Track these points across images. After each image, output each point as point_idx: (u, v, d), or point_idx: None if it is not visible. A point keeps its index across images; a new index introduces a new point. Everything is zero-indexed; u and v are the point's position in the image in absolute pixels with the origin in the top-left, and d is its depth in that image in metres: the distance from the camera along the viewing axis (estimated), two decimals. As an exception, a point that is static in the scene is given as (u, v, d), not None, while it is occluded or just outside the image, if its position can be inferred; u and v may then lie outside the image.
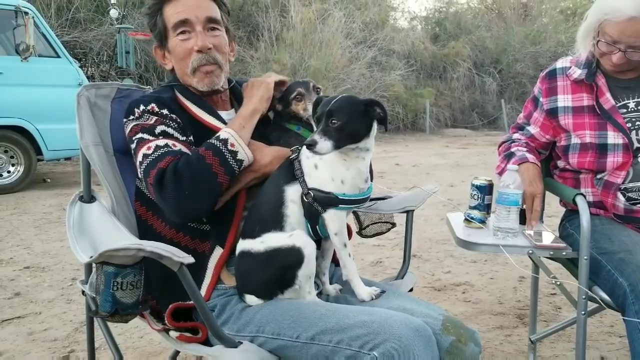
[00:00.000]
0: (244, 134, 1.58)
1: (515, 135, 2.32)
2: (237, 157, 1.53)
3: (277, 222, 1.49)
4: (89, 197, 1.73)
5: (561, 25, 21.09)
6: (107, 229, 1.56)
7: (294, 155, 1.55)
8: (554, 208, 2.45)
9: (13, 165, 7.12)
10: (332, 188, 1.48)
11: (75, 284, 3.68)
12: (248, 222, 1.54)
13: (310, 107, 1.67)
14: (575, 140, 2.09)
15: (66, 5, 12.91)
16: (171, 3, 1.66)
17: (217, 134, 1.57)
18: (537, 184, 2.05)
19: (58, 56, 7.26)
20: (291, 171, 1.52)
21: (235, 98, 1.82)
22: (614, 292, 1.80)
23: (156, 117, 1.59)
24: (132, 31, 11.18)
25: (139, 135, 1.57)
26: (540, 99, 2.21)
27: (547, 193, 2.23)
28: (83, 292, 1.62)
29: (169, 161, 1.49)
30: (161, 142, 1.54)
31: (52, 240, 4.82)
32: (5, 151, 7.05)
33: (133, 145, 1.58)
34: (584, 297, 1.83)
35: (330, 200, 1.48)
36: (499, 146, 2.37)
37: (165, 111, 1.60)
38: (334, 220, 1.50)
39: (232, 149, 1.53)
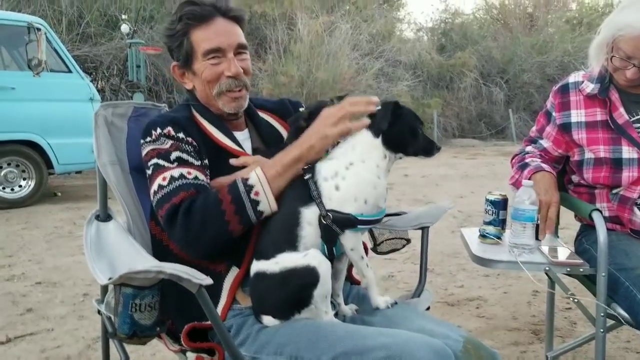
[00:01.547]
0: (276, 184, 1.51)
1: (529, 148, 2.31)
2: (258, 208, 1.49)
3: (291, 243, 1.47)
4: (105, 216, 1.73)
5: (567, 35, 21.08)
6: (125, 249, 1.57)
7: (307, 176, 1.52)
8: (566, 220, 2.43)
9: (24, 179, 7.16)
10: (352, 209, 1.47)
11: (86, 300, 3.68)
12: (261, 243, 1.52)
13: None
14: (589, 155, 2.08)
15: (77, 20, 13.08)
16: (200, 28, 1.65)
17: (248, 176, 1.51)
18: (553, 192, 2.02)
19: (69, 71, 7.33)
20: (306, 192, 1.49)
21: (250, 117, 1.82)
22: (633, 309, 1.78)
23: (172, 142, 1.58)
24: (143, 46, 11.29)
25: (155, 160, 1.57)
26: (553, 114, 2.20)
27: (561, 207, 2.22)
28: (99, 311, 1.62)
29: (182, 197, 1.48)
30: (176, 172, 1.53)
31: (63, 255, 4.83)
32: (17, 165, 7.10)
33: (149, 172, 1.58)
34: (602, 314, 1.81)
35: (349, 222, 1.47)
36: (512, 158, 2.36)
37: (181, 134, 1.60)
38: (350, 239, 1.50)
39: (256, 197, 1.48)
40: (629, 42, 1.89)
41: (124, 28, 11.52)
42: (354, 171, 1.49)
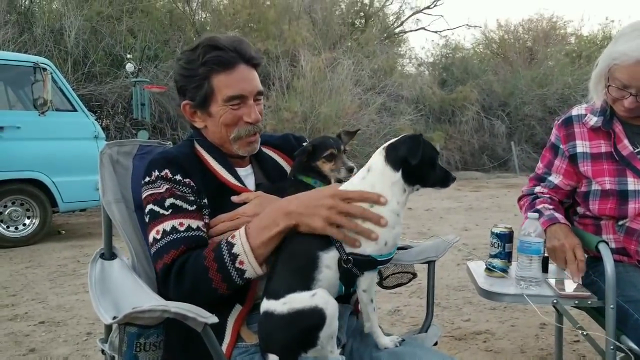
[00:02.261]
0: (260, 252, 1.48)
1: (537, 189, 2.28)
2: (244, 276, 1.48)
3: (305, 285, 1.45)
4: (109, 255, 1.73)
5: (567, 67, 21.32)
6: (130, 287, 1.56)
7: None
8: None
9: (28, 217, 7.17)
10: (372, 252, 1.46)
11: (90, 339, 3.64)
12: (273, 282, 1.49)
13: (343, 170, 1.70)
14: (595, 187, 2.08)
15: (82, 60, 13.29)
16: (223, 74, 1.66)
17: (232, 241, 1.49)
18: (573, 236, 2.00)
19: (75, 110, 7.40)
20: (325, 236, 1.46)
21: (254, 153, 1.83)
22: (644, 342, 1.76)
23: (167, 185, 1.59)
24: (148, 84, 11.44)
25: (151, 206, 1.59)
26: (561, 146, 2.20)
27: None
28: (103, 351, 1.60)
29: (173, 256, 1.49)
30: (168, 224, 1.54)
31: (67, 293, 4.80)
32: (21, 204, 7.12)
33: (146, 219, 1.61)
34: (612, 347, 1.79)
35: (370, 264, 1.46)
36: (520, 199, 2.34)
37: (178, 176, 1.61)
38: (366, 279, 1.49)
39: (240, 267, 1.47)
40: (623, 70, 1.91)
41: (129, 67, 11.70)
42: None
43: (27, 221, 7.16)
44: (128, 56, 12.19)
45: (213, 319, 1.23)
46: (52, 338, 3.71)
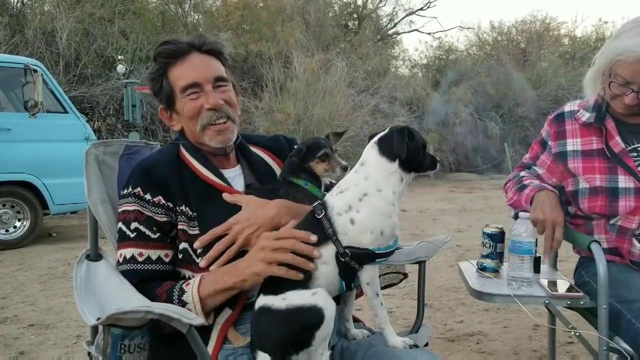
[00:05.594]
0: (208, 303, 1.49)
1: (523, 173, 2.29)
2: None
3: (304, 282, 1.43)
4: (95, 256, 1.70)
5: (561, 69, 21.40)
6: (115, 288, 1.53)
7: (321, 214, 1.48)
8: (564, 252, 2.40)
9: (19, 220, 7.12)
10: (369, 242, 1.44)
11: (79, 342, 3.61)
12: (271, 278, 1.46)
13: (338, 169, 1.70)
14: (583, 184, 2.07)
15: (74, 61, 13.23)
16: (176, 66, 1.66)
17: (184, 290, 1.49)
18: (558, 211, 1.98)
19: (66, 111, 7.36)
20: (320, 230, 1.45)
21: (242, 153, 1.81)
22: (636, 342, 1.74)
23: (136, 207, 1.60)
24: (139, 85, 11.39)
25: (120, 225, 1.62)
26: (549, 142, 2.19)
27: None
28: (89, 353, 1.58)
29: (133, 283, 1.53)
30: (128, 252, 1.58)
31: (57, 296, 4.76)
32: (12, 206, 7.07)
33: (117, 236, 1.63)
34: (605, 348, 1.77)
35: (368, 257, 1.45)
36: (505, 184, 2.33)
37: (148, 196, 1.60)
38: (368, 272, 1.47)
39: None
40: (627, 67, 1.88)
41: (120, 68, 11.67)
42: (368, 202, 1.46)
43: (17, 223, 7.11)
44: (119, 58, 12.14)
45: (197, 320, 1.21)
46: (41, 341, 3.67)
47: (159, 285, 1.52)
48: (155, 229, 1.59)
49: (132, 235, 1.57)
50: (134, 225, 1.58)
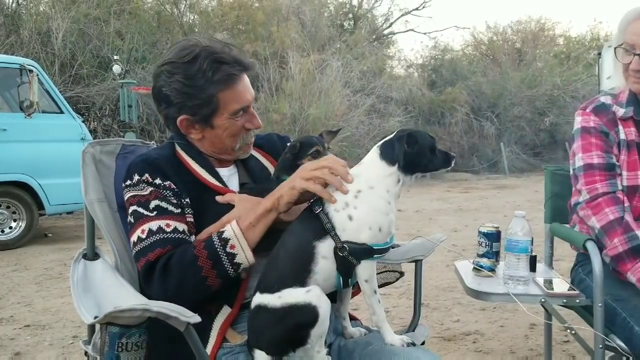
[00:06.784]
0: (251, 235, 1.49)
1: (613, 184, 1.95)
2: (235, 260, 1.47)
3: (301, 278, 1.43)
4: (92, 255, 1.70)
5: (556, 68, 21.47)
6: (112, 287, 1.53)
7: (318, 209, 1.48)
8: (562, 251, 2.42)
9: (15, 220, 7.09)
10: (367, 238, 1.45)
11: (76, 342, 3.60)
12: (268, 276, 1.47)
13: None
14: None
15: (70, 62, 13.20)
16: (229, 89, 1.63)
17: (222, 229, 1.50)
18: None
19: (61, 112, 7.34)
20: (318, 225, 1.46)
21: None
22: (631, 341, 1.75)
23: (151, 188, 1.57)
24: (135, 86, 11.37)
25: (134, 207, 1.56)
26: (610, 132, 1.99)
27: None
28: (86, 352, 1.57)
29: (158, 254, 1.47)
30: (154, 224, 1.51)
31: (53, 296, 4.75)
32: (8, 207, 7.05)
33: (130, 219, 1.57)
34: (601, 346, 1.78)
35: (366, 252, 1.45)
36: (591, 200, 1.95)
37: (158, 180, 1.58)
38: (366, 268, 1.48)
39: (232, 251, 1.47)
40: (630, 29, 1.87)
41: (116, 69, 11.65)
42: (363, 199, 1.47)
43: (13, 224, 7.08)
44: (115, 58, 12.12)
45: (195, 318, 1.21)
46: (37, 342, 3.66)
47: (192, 244, 1.51)
48: (175, 203, 1.57)
49: (152, 214, 1.53)
50: (154, 203, 1.54)
